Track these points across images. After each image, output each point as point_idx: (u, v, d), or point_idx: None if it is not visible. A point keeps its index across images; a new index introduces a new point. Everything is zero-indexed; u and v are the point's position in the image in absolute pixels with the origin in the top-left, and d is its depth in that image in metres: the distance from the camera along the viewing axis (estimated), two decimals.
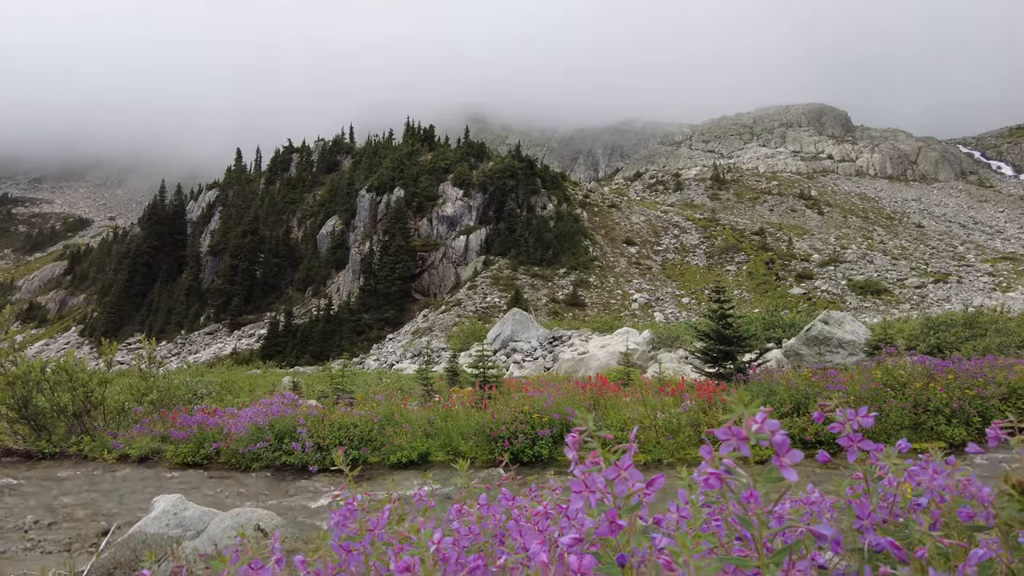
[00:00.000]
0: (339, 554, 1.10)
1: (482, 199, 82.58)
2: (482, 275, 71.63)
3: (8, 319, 9.21)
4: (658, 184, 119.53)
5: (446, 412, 8.28)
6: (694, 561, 0.77)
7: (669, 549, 0.81)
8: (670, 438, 7.73)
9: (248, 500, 6.18)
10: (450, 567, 0.95)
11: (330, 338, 64.14)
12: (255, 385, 18.75)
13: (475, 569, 0.95)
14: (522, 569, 0.90)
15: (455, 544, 1.01)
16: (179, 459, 7.92)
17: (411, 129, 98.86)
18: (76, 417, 9.30)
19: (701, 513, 0.86)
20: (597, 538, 0.78)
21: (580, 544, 0.80)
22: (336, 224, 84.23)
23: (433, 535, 0.94)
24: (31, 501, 6.29)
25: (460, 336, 47.03)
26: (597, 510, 0.79)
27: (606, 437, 0.87)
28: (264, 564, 0.99)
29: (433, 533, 0.95)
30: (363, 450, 7.53)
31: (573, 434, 0.88)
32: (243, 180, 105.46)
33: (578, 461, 0.85)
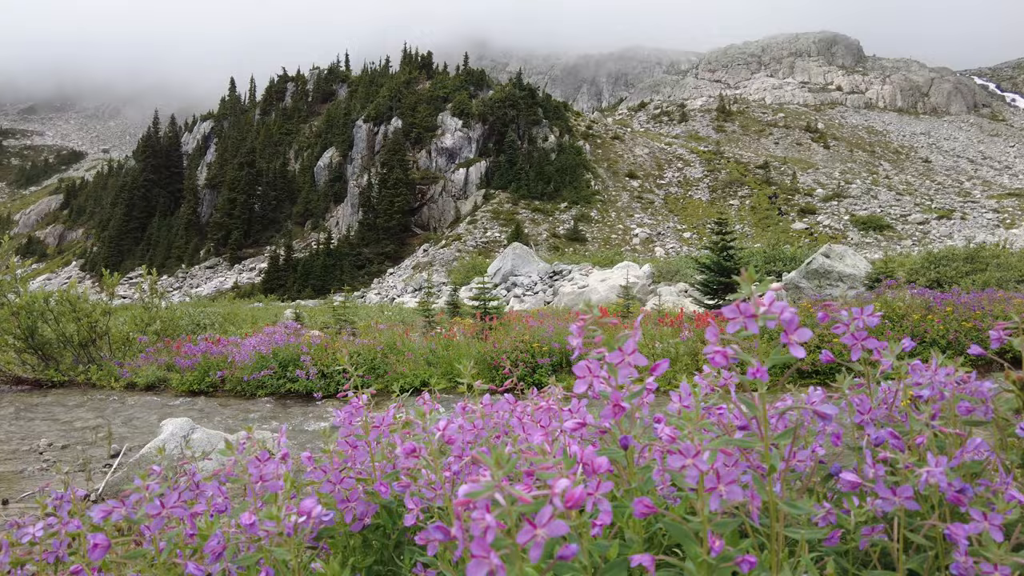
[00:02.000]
0: (345, 450, 1.12)
1: (482, 130, 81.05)
2: (482, 209, 71.10)
3: (8, 251, 9.21)
4: (663, 115, 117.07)
5: (448, 342, 8.39)
6: (699, 435, 0.78)
7: (672, 422, 0.82)
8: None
9: (252, 423, 6.33)
10: (454, 449, 0.96)
11: (331, 272, 64.34)
12: (257, 318, 18.93)
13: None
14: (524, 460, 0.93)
15: (460, 430, 1.03)
16: (185, 387, 8.07)
17: (408, 56, 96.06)
18: (82, 347, 9.43)
19: (704, 402, 0.87)
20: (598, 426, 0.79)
21: (583, 428, 0.81)
22: (333, 156, 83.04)
23: (439, 422, 0.96)
24: (44, 426, 6.45)
25: (460, 271, 47.10)
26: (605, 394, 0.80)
27: (611, 322, 0.87)
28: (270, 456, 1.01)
29: (439, 421, 0.97)
30: (366, 377, 7.65)
31: (577, 322, 0.88)
32: (238, 111, 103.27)
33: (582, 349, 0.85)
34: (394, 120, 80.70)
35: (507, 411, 1.17)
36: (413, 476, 0.99)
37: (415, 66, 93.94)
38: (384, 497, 1.09)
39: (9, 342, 8.92)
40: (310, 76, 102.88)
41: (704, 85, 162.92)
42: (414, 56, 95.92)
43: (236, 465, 1.05)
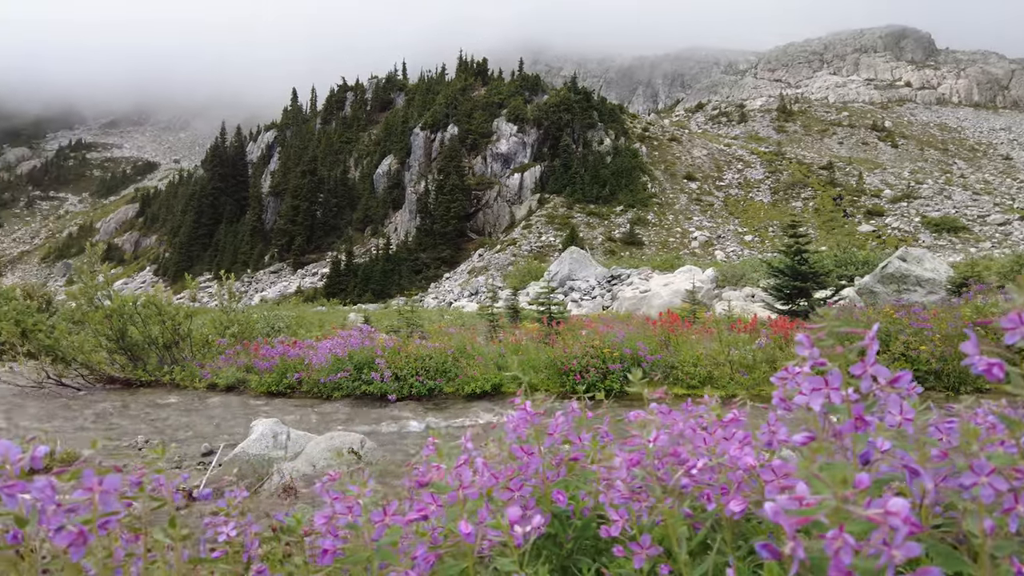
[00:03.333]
0: (519, 456, 1.11)
1: (537, 135, 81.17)
2: (537, 214, 71.15)
3: (99, 256, 9.71)
4: (721, 116, 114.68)
5: (516, 346, 8.40)
6: (986, 452, 0.71)
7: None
8: (744, 374, 7.65)
9: (333, 425, 6.48)
10: (674, 461, 0.94)
11: (389, 277, 65.54)
12: (324, 321, 19.44)
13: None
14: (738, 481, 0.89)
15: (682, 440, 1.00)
16: (263, 388, 8.33)
17: (464, 63, 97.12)
18: (166, 348, 9.86)
19: None
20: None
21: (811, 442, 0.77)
22: (392, 163, 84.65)
23: (652, 434, 0.94)
24: (139, 423, 6.77)
25: (516, 275, 47.25)
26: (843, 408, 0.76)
27: (854, 331, 0.82)
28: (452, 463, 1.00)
29: (652, 432, 0.94)
30: (438, 380, 7.74)
31: (803, 334, 0.84)
32: (300, 120, 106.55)
33: (817, 360, 0.81)
34: (450, 127, 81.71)
35: (686, 423, 1.13)
36: (607, 486, 0.97)
37: (470, 73, 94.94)
38: (561, 506, 1.07)
39: (102, 343, 9.40)
40: (368, 85, 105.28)
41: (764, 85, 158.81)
42: (469, 63, 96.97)
43: (431, 470, 1.04)
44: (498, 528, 0.82)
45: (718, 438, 1.00)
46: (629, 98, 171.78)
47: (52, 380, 9.50)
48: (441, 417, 6.82)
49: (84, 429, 6.64)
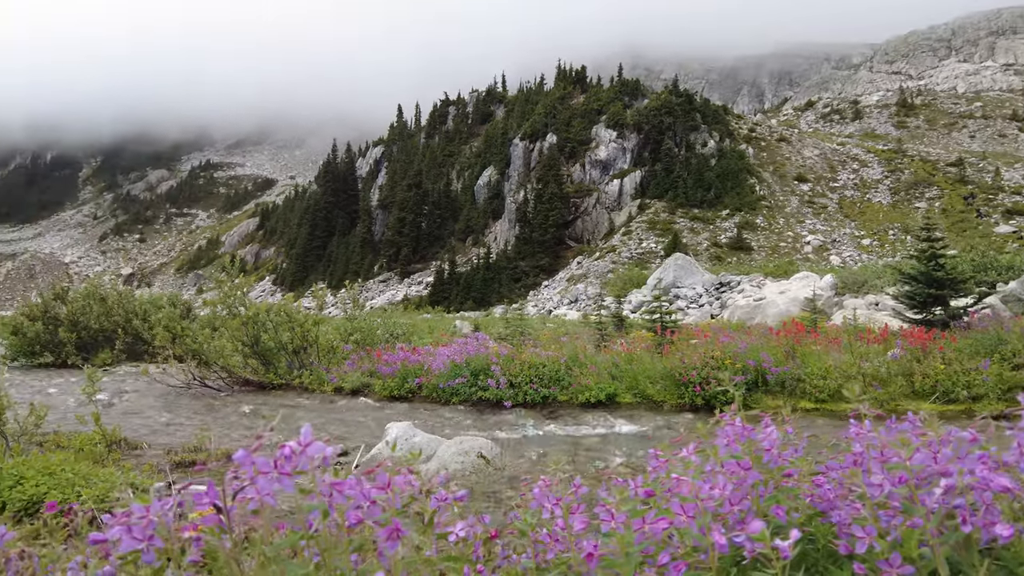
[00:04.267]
0: (735, 471, 1.11)
1: (637, 140, 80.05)
2: (637, 220, 70.08)
3: (238, 268, 10.51)
4: (833, 113, 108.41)
5: (630, 356, 8.30)
6: None
7: None
8: (878, 388, 7.18)
9: (455, 429, 6.67)
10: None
11: (490, 285, 66.62)
12: (433, 328, 20.05)
13: None
14: None
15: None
16: (386, 392, 8.70)
17: (562, 72, 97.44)
18: (295, 354, 10.52)
19: None
20: None
21: None
22: (492, 174, 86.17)
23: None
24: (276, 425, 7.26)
25: (617, 283, 46.66)
26: None
27: None
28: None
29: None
30: (552, 388, 7.79)
31: None
32: (405, 136, 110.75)
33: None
34: (549, 136, 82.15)
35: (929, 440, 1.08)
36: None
37: (569, 81, 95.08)
38: (781, 520, 1.06)
39: (238, 348, 10.17)
40: (469, 99, 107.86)
41: (880, 78, 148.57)
42: (568, 72, 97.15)
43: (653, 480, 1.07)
44: (761, 540, 0.83)
45: (947, 456, 0.95)
46: (733, 99, 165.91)
47: (197, 381, 10.39)
48: (558, 425, 6.86)
49: (230, 427, 7.21)
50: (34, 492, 3.86)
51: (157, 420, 7.75)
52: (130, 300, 14.97)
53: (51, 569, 1.35)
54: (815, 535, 1.07)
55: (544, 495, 1.08)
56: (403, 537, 0.83)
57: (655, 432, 6.48)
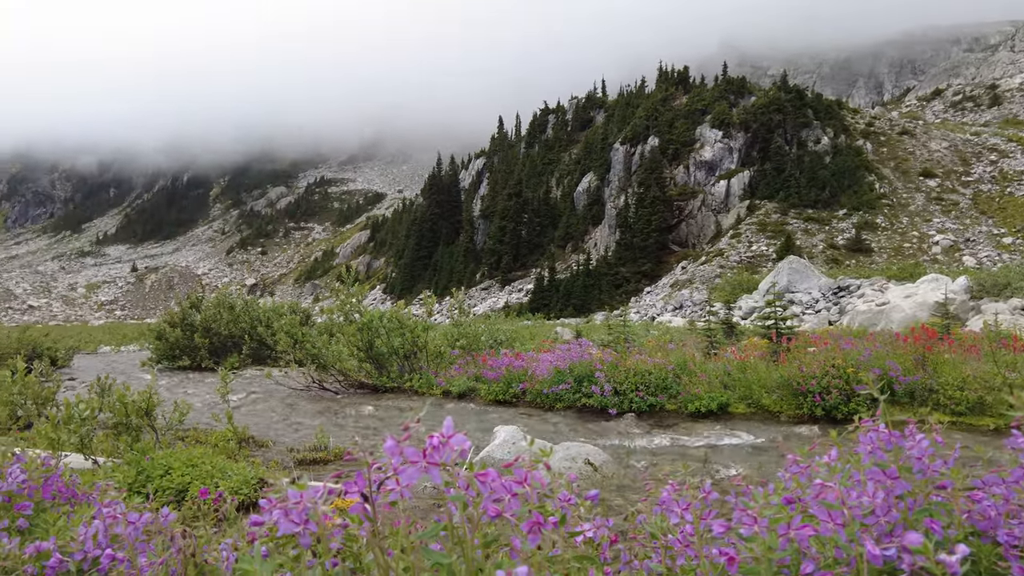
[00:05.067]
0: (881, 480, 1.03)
1: (744, 139, 77.05)
2: (746, 222, 67.33)
3: (352, 278, 11.06)
4: (966, 101, 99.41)
5: (743, 364, 7.97)
6: None
7: None
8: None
9: (559, 435, 6.67)
10: None
11: (590, 292, 66.21)
12: (533, 334, 20.18)
13: None
14: None
15: None
16: (491, 396, 8.84)
17: (664, 74, 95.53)
18: (405, 358, 10.92)
19: None
20: None
21: None
22: (591, 180, 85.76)
23: None
24: (389, 426, 7.56)
25: (725, 288, 45.07)
26: None
27: None
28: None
29: None
30: (659, 397, 7.62)
31: None
32: (506, 146, 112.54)
33: None
34: (650, 139, 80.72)
35: None
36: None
37: (671, 83, 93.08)
38: (937, 535, 0.98)
39: (354, 353, 10.69)
40: (569, 106, 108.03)
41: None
42: (670, 73, 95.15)
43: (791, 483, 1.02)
44: (922, 553, 0.77)
45: None
46: (848, 92, 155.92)
47: (316, 384, 11.03)
48: (666, 434, 6.69)
49: (346, 428, 7.58)
50: (180, 481, 4.23)
51: (280, 420, 8.28)
52: (255, 308, 16.14)
53: (205, 549, 1.47)
54: (977, 555, 0.97)
55: (673, 499, 1.05)
56: (544, 532, 0.83)
57: (770, 443, 6.18)
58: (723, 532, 0.92)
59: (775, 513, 0.87)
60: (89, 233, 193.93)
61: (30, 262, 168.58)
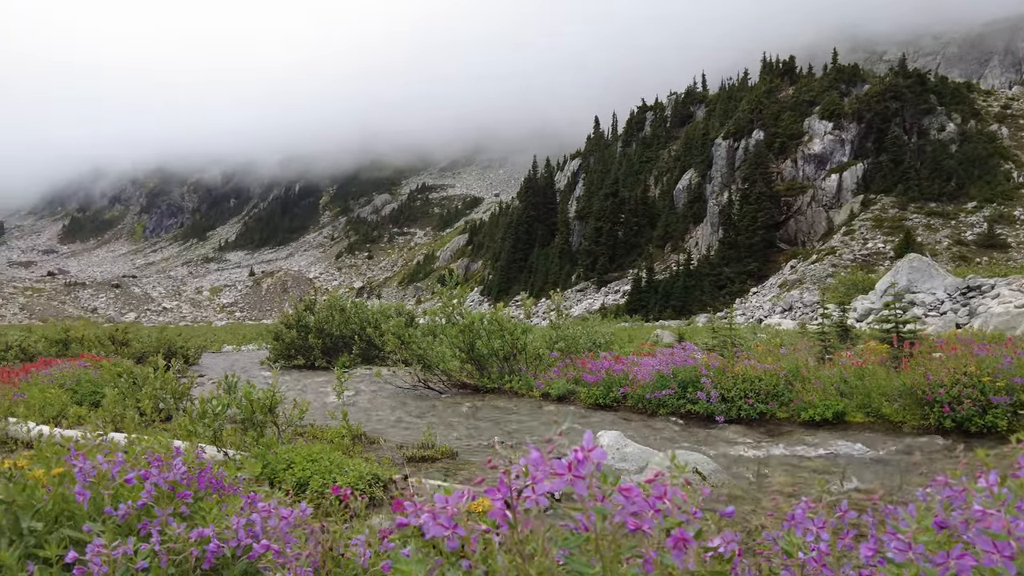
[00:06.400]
0: None
1: (857, 130, 72.45)
2: (860, 217, 63.28)
3: (455, 281, 11.35)
4: None
5: (861, 370, 7.50)
6: None
7: None
8: None
9: (664, 442, 6.54)
10: None
11: (691, 293, 64.39)
12: (632, 337, 19.89)
13: None
14: None
15: None
16: (591, 400, 8.80)
17: (768, 65, 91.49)
18: (505, 360, 11.07)
19: None
20: None
21: None
22: (692, 177, 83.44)
23: None
24: (492, 426, 7.71)
25: (838, 288, 42.57)
26: None
27: None
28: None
29: None
30: (770, 404, 7.32)
31: None
32: (602, 146, 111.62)
33: None
34: (755, 133, 77.48)
35: None
36: None
37: (776, 74, 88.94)
38: None
39: (456, 354, 10.97)
40: (667, 103, 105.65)
41: None
42: (774, 64, 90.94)
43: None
44: None
45: None
46: (979, 72, 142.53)
47: (421, 383, 11.41)
48: (777, 444, 6.41)
49: (451, 426, 7.80)
50: (301, 475, 4.51)
51: (389, 417, 8.63)
52: (363, 310, 16.91)
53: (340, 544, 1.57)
54: None
55: (808, 516, 1.02)
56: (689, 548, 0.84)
57: (892, 456, 5.79)
58: (870, 556, 0.88)
59: (930, 539, 0.82)
60: (213, 240, 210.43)
61: (163, 268, 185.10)
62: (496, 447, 0.90)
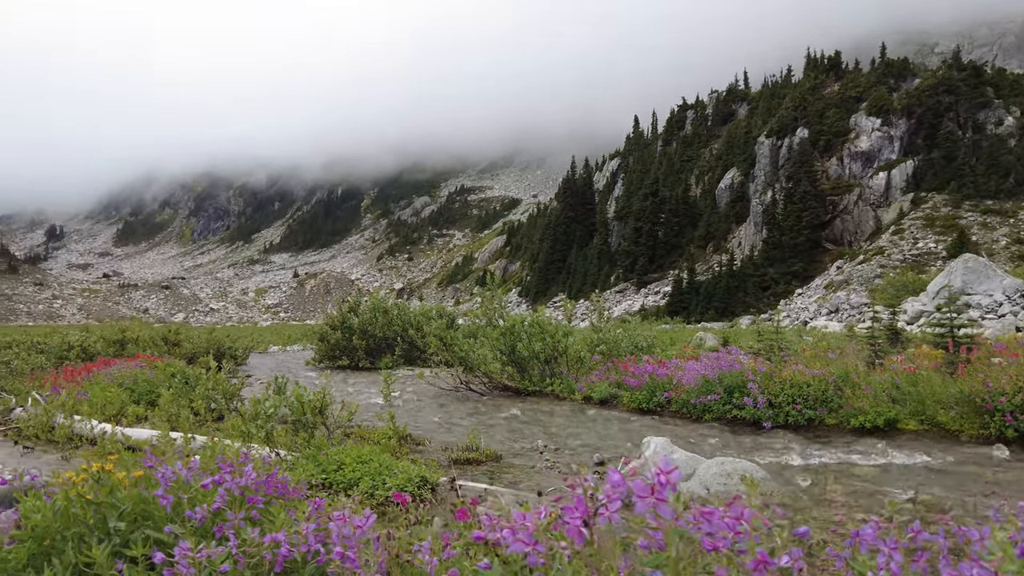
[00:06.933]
0: None
1: (907, 126, 70.20)
2: (910, 216, 61.29)
3: (495, 283, 11.41)
4: None
5: (914, 376, 7.28)
6: None
7: None
8: None
9: (710, 448, 6.47)
10: None
11: (733, 294, 63.28)
12: (673, 340, 19.65)
13: None
14: None
15: None
16: (634, 404, 8.74)
17: (812, 60, 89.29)
18: (546, 363, 11.08)
19: None
20: None
21: None
22: (734, 176, 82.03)
23: None
24: (534, 428, 7.73)
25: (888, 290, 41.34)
26: None
27: None
28: None
29: None
30: (819, 410, 7.17)
31: None
32: (641, 145, 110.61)
33: None
34: (799, 130, 75.74)
35: None
36: None
37: (820, 70, 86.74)
38: None
39: (497, 356, 11.03)
40: (708, 101, 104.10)
41: None
42: (819, 60, 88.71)
43: None
44: None
45: None
46: None
47: (463, 385, 11.50)
48: (826, 451, 6.28)
49: (493, 428, 7.85)
50: (352, 476, 4.61)
51: (432, 419, 8.73)
52: (406, 312, 17.13)
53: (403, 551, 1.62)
54: None
55: (877, 537, 1.02)
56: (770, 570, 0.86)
57: (950, 467, 5.61)
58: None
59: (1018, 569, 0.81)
60: (258, 243, 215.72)
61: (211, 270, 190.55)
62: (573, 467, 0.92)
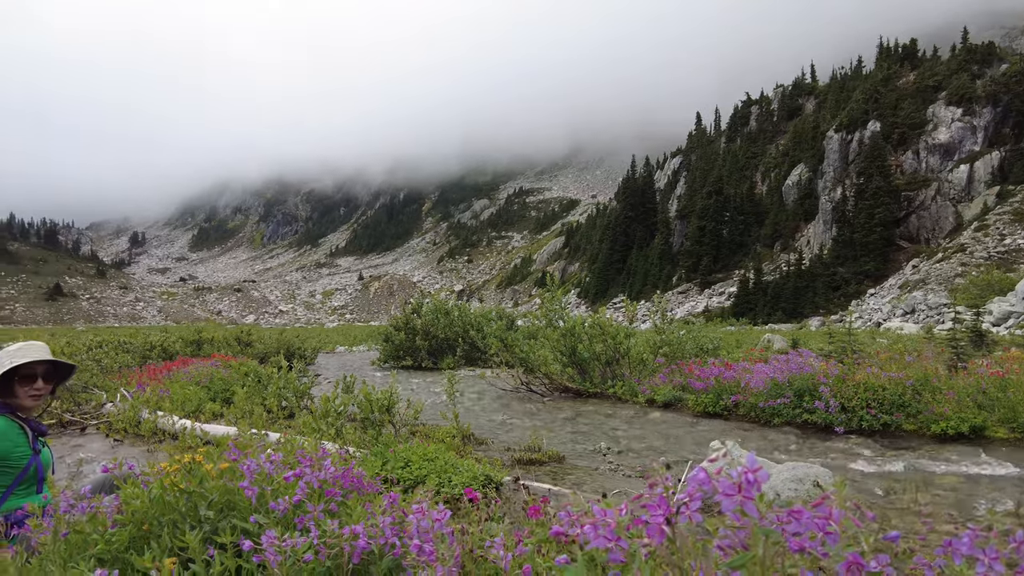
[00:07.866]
0: None
1: (992, 115, 66.26)
2: (995, 211, 57.77)
3: (556, 284, 11.41)
4: None
5: (1004, 380, 6.87)
6: None
7: None
8: None
9: (780, 453, 6.28)
10: None
11: (802, 294, 61.18)
12: (740, 341, 19.14)
13: None
14: None
15: None
16: (699, 408, 8.56)
17: (885, 50, 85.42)
18: (607, 365, 10.99)
19: None
20: None
21: None
22: (802, 172, 79.30)
23: None
24: (595, 430, 7.69)
25: (970, 289, 39.14)
26: None
27: None
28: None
29: None
30: (895, 415, 6.85)
31: None
32: (704, 142, 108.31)
33: None
34: (871, 123, 72.54)
35: None
36: None
37: (894, 59, 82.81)
38: None
39: (558, 358, 11.01)
40: (774, 96, 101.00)
41: None
42: (892, 49, 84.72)
43: None
44: None
45: None
46: None
47: (523, 386, 11.54)
48: (905, 458, 5.99)
49: (554, 429, 7.84)
50: (418, 474, 4.70)
51: (494, 419, 8.79)
52: (467, 313, 17.32)
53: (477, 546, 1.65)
54: None
55: (975, 547, 0.98)
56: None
57: None
58: None
59: None
60: (324, 247, 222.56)
61: (280, 273, 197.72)
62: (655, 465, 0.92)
